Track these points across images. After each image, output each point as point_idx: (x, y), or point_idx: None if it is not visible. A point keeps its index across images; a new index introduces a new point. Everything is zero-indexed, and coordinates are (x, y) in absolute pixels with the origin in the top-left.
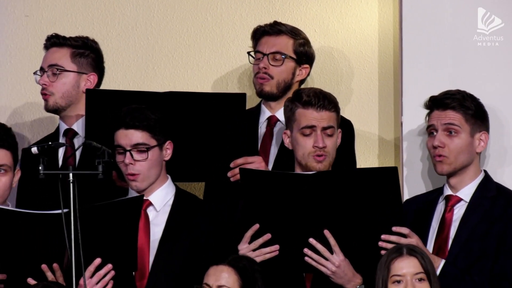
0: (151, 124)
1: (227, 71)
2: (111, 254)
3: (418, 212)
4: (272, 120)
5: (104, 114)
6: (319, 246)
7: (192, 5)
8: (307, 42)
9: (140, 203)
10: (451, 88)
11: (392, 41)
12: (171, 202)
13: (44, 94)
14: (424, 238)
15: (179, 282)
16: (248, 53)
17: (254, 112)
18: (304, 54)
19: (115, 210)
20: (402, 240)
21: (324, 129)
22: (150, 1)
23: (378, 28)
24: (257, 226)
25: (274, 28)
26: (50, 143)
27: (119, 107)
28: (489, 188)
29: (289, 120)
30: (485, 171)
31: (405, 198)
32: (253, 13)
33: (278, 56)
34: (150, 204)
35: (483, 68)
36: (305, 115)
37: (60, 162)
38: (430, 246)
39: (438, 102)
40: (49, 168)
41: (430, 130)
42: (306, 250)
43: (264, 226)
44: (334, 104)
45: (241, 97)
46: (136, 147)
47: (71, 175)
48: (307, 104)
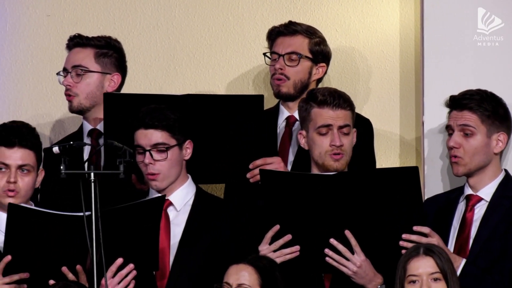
0: (171, 124)
1: (249, 71)
2: (133, 254)
3: (439, 212)
4: (291, 120)
5: (122, 118)
6: (340, 247)
7: (214, 5)
8: (323, 41)
9: (162, 204)
10: (473, 87)
11: (414, 41)
12: (192, 202)
13: (68, 95)
14: (445, 238)
15: (199, 282)
16: (264, 54)
17: (273, 113)
18: (320, 53)
19: (137, 211)
20: (423, 240)
21: (341, 128)
22: (172, 1)
23: (400, 28)
24: (278, 227)
25: (289, 28)
26: (72, 143)
27: (137, 111)
28: (510, 188)
29: (305, 120)
30: (506, 171)
31: (426, 197)
32: (274, 13)
33: (294, 56)
34: (171, 204)
35: (507, 67)
36: (321, 114)
37: (87, 163)
38: (451, 246)
39: (456, 102)
40: (72, 168)
41: (448, 131)
42: (327, 251)
43: (285, 227)
44: (349, 103)
45: (259, 99)
46: (156, 147)
47: (93, 175)
48: (323, 103)
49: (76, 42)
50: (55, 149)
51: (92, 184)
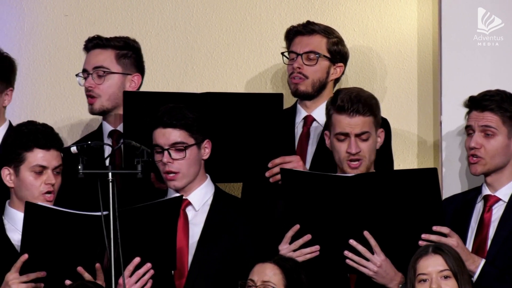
0: (189, 123)
1: (266, 71)
2: (150, 254)
3: (456, 212)
4: (308, 120)
5: (142, 116)
6: (360, 247)
7: (231, 5)
8: (341, 41)
9: (179, 203)
10: (491, 88)
11: (431, 40)
12: (210, 202)
13: (90, 97)
14: (463, 238)
15: (218, 282)
16: (282, 54)
17: (290, 112)
18: (338, 53)
19: (155, 211)
20: (443, 240)
21: (358, 135)
22: (190, 1)
23: (417, 28)
24: (298, 227)
25: (307, 28)
26: (90, 142)
27: (156, 109)
28: None
29: (328, 122)
30: None
31: (444, 198)
32: (292, 13)
33: (312, 56)
34: (189, 204)
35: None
36: (339, 121)
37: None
38: (469, 246)
39: (476, 103)
40: (90, 168)
41: (468, 131)
42: (347, 253)
43: (305, 227)
44: (369, 108)
45: (278, 97)
46: (174, 146)
47: (110, 175)
48: (340, 110)
49: (96, 44)
50: (73, 149)
51: (110, 184)
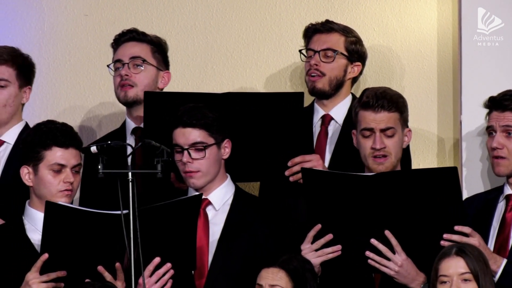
0: (209, 123)
1: (286, 70)
2: (170, 253)
3: (478, 212)
4: (326, 119)
5: (162, 116)
6: (381, 247)
7: (251, 4)
8: (359, 41)
9: (199, 202)
10: (511, 87)
11: (451, 40)
12: (230, 202)
13: (125, 86)
14: (485, 238)
15: (238, 282)
16: (300, 51)
17: (308, 112)
18: (356, 52)
19: (174, 210)
20: (464, 239)
21: (383, 131)
22: (209, 1)
23: (437, 27)
24: (319, 226)
25: (326, 26)
26: (110, 142)
27: (177, 109)
28: None
29: (354, 121)
30: None
31: (464, 198)
32: (312, 12)
33: (330, 53)
34: (209, 203)
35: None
36: (364, 117)
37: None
38: (491, 246)
39: (497, 103)
40: (110, 167)
41: (489, 131)
42: (368, 253)
43: (326, 226)
44: (395, 104)
45: (299, 96)
46: (194, 146)
47: (130, 174)
48: (366, 106)
49: (132, 37)
50: (93, 149)
51: (130, 184)
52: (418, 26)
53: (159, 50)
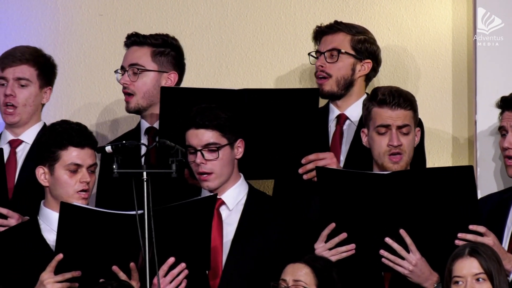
0: (222, 123)
1: (301, 70)
2: (185, 253)
3: (492, 212)
4: (341, 119)
5: (179, 112)
6: (396, 246)
7: (266, 4)
8: (368, 38)
9: (213, 203)
10: None
11: (466, 39)
12: (244, 201)
13: (127, 94)
14: (499, 237)
15: (252, 281)
16: (309, 54)
17: (323, 112)
18: (365, 50)
19: (189, 210)
20: (479, 239)
21: (399, 128)
22: (224, 0)
23: (452, 26)
24: (333, 225)
25: (333, 27)
26: (124, 142)
27: (194, 105)
28: None
29: (366, 119)
30: None
31: (479, 197)
32: (327, 12)
33: (334, 53)
34: (223, 203)
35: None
36: (380, 114)
37: (143, 161)
38: (505, 245)
39: (509, 103)
40: (125, 167)
41: (502, 132)
42: (382, 252)
43: (340, 225)
44: (410, 103)
45: (314, 92)
46: (207, 147)
47: (145, 174)
48: (382, 103)
49: (133, 41)
50: (108, 148)
51: (145, 184)
52: (433, 26)
53: (163, 52)
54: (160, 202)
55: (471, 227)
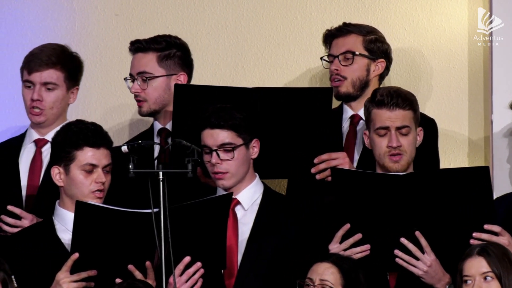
0: (237, 123)
1: (317, 70)
2: (200, 253)
3: (508, 211)
4: (355, 119)
5: (192, 109)
6: (411, 246)
7: (282, 4)
8: (379, 38)
9: (229, 201)
10: None
11: (482, 39)
12: (259, 201)
13: (138, 101)
14: None
15: (267, 281)
16: (321, 58)
17: (337, 112)
18: (377, 50)
19: (204, 208)
20: (494, 238)
21: (398, 129)
22: (240, 0)
23: (468, 26)
24: (348, 226)
25: (343, 30)
26: (140, 142)
27: (207, 103)
28: None
29: (367, 121)
30: None
31: (494, 197)
32: (343, 12)
33: (348, 55)
34: (238, 203)
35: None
36: (379, 115)
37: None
38: None
39: None
40: (141, 167)
41: None
42: (397, 252)
43: (355, 226)
44: (409, 102)
45: (328, 92)
46: (222, 147)
47: (161, 174)
48: (380, 104)
49: (137, 47)
50: (124, 148)
51: (161, 183)
52: (449, 26)
53: (169, 54)
54: (175, 201)
55: (486, 227)
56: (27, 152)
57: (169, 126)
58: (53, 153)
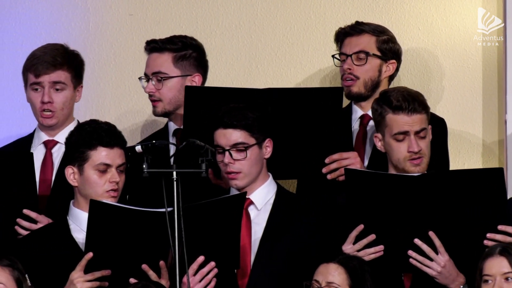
0: (250, 123)
1: (331, 70)
2: (214, 252)
3: None
4: (365, 119)
5: (203, 111)
6: (425, 247)
7: (296, 4)
8: (391, 38)
9: (243, 200)
10: None
11: (496, 39)
12: (272, 201)
13: (153, 101)
14: None
15: (281, 281)
16: (333, 56)
17: (346, 112)
18: (389, 51)
19: (218, 208)
20: (508, 239)
21: (417, 133)
22: (254, 0)
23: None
24: (362, 227)
25: (356, 28)
26: (154, 142)
27: (218, 104)
28: None
29: (380, 124)
30: None
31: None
32: (357, 12)
33: (362, 55)
34: (251, 203)
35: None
36: (397, 121)
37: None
38: None
39: None
40: (155, 167)
41: None
42: (411, 252)
43: (368, 227)
44: (424, 105)
45: (338, 91)
46: (235, 147)
47: (175, 174)
48: (398, 109)
49: (153, 47)
50: (138, 148)
51: (174, 183)
52: (463, 25)
53: (185, 55)
54: (189, 201)
55: (500, 228)
56: (37, 154)
57: None
58: (67, 153)
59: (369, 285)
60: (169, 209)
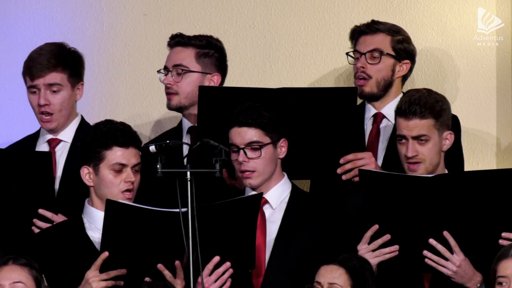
0: (265, 122)
1: (345, 69)
2: (230, 252)
3: None
4: (378, 117)
5: (217, 111)
6: (440, 247)
7: (310, 3)
8: (406, 39)
9: (259, 202)
10: None
11: (510, 38)
12: (287, 200)
13: (169, 94)
14: None
15: (295, 280)
16: (347, 54)
17: (359, 111)
18: (403, 50)
19: (234, 208)
20: None
21: (416, 138)
22: (268, 0)
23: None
24: (377, 227)
25: (371, 27)
26: (168, 142)
27: (231, 104)
28: None
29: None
30: None
31: None
32: (370, 11)
33: (376, 54)
34: (266, 202)
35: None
36: (399, 124)
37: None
38: None
39: None
40: (169, 166)
41: None
42: (426, 252)
43: (383, 227)
44: (429, 110)
45: (352, 91)
46: (250, 145)
47: (189, 173)
48: (399, 113)
49: (178, 41)
50: (152, 148)
51: (188, 183)
52: (477, 25)
53: (208, 53)
54: (203, 201)
55: None
56: None
57: None
58: (82, 153)
59: (371, 284)
60: (184, 210)
